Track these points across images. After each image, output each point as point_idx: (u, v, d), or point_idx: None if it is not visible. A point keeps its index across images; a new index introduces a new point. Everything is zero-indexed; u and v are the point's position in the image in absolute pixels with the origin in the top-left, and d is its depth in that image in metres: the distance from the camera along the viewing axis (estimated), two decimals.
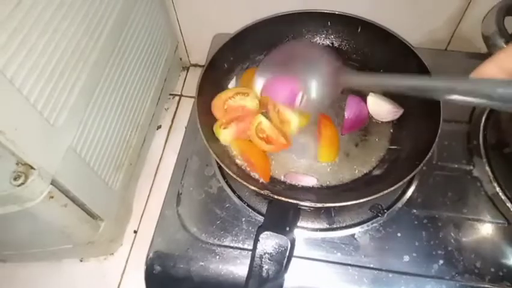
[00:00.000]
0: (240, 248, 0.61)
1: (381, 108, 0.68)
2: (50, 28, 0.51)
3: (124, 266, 0.79)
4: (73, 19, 0.56)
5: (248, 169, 0.65)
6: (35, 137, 0.51)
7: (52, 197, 0.55)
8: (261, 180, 0.63)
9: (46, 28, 0.51)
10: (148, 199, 0.86)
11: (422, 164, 0.56)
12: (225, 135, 0.64)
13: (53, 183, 0.55)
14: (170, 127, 0.95)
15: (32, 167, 0.51)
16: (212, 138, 0.65)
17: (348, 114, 0.67)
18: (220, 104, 0.67)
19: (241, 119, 0.65)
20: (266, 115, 0.65)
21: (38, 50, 0.50)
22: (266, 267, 0.50)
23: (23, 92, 0.47)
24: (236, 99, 0.67)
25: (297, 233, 0.61)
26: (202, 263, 0.60)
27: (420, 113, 0.64)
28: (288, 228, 0.53)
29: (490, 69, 0.36)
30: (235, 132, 0.65)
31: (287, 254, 0.50)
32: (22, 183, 0.50)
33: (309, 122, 0.66)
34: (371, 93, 0.68)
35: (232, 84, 0.74)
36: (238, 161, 0.65)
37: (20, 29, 0.46)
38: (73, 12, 0.56)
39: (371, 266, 0.59)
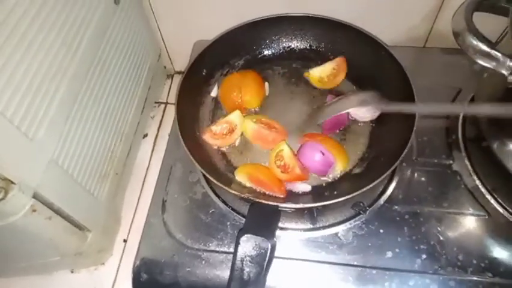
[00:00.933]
0: (226, 252, 0.62)
1: (360, 109, 0.68)
2: (24, 41, 0.52)
3: (115, 276, 0.79)
4: (49, 31, 0.56)
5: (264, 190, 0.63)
6: (14, 151, 0.51)
7: (35, 211, 0.55)
8: (245, 183, 0.63)
9: (21, 42, 0.51)
10: (136, 208, 0.86)
11: (399, 159, 0.57)
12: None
13: (36, 196, 0.55)
14: (157, 135, 0.96)
15: (12, 182, 0.51)
16: (194, 144, 0.65)
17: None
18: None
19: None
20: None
21: (13, 64, 0.50)
22: (247, 269, 0.50)
23: None
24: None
25: (281, 234, 0.62)
26: (189, 269, 0.61)
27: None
28: (268, 231, 0.53)
29: None
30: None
31: (267, 256, 0.51)
32: (2, 198, 0.50)
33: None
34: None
35: (214, 92, 0.75)
36: (218, 166, 0.66)
37: None
38: (49, 24, 0.56)
39: (355, 263, 0.59)
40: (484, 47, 0.54)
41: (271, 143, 0.66)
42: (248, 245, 0.51)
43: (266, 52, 0.79)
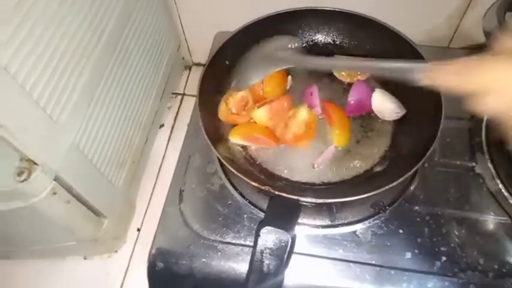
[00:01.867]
0: (242, 245, 0.61)
1: (384, 106, 0.68)
2: (53, 24, 0.51)
3: (127, 264, 0.80)
4: (76, 15, 0.56)
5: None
6: (38, 132, 0.51)
7: (55, 193, 0.55)
8: (262, 176, 0.63)
9: (49, 23, 0.51)
10: (151, 197, 0.86)
11: (422, 161, 0.56)
12: (260, 114, 0.67)
13: (56, 179, 0.55)
14: (173, 126, 0.95)
15: (35, 163, 0.51)
16: (214, 135, 0.65)
17: (350, 98, 0.68)
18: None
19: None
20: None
21: (41, 46, 0.50)
22: (267, 262, 0.50)
23: (26, 87, 0.47)
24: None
25: (299, 229, 0.61)
26: (204, 260, 0.60)
27: (422, 109, 0.64)
28: (289, 224, 0.53)
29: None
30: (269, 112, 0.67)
31: (288, 249, 0.50)
32: (25, 179, 0.50)
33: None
34: (377, 89, 0.68)
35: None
36: (238, 158, 0.65)
37: (24, 24, 0.46)
38: (76, 8, 0.56)
39: (373, 262, 0.59)
40: None
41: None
42: (268, 237, 0.50)
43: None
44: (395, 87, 0.69)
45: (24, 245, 0.74)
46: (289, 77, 0.74)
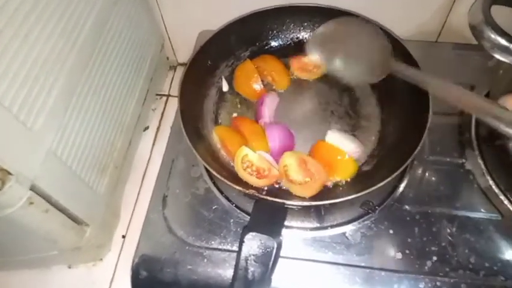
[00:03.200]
0: (229, 250, 0.59)
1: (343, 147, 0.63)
2: (23, 29, 0.50)
3: (113, 272, 0.77)
4: (47, 21, 0.54)
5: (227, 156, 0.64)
6: (11, 141, 0.49)
7: (32, 203, 0.53)
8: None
9: (20, 29, 0.49)
10: (136, 202, 0.84)
11: (411, 158, 0.55)
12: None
13: (33, 188, 0.53)
14: (158, 128, 0.93)
15: (9, 173, 0.49)
16: (197, 138, 0.63)
17: (273, 145, 0.63)
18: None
19: None
20: (250, 147, 0.61)
21: (11, 53, 0.48)
22: (252, 269, 0.48)
23: None
24: None
25: (286, 232, 0.60)
26: (190, 267, 0.59)
27: (410, 105, 0.64)
28: (274, 229, 0.51)
29: None
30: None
31: (273, 255, 0.49)
32: None
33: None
34: (329, 132, 0.64)
35: (225, 86, 0.72)
36: (223, 160, 0.64)
37: None
38: (47, 14, 0.54)
39: (363, 264, 0.57)
40: (503, 41, 0.52)
41: None
42: (253, 244, 0.49)
43: (273, 43, 0.77)
44: (381, 83, 0.68)
45: (5, 255, 0.71)
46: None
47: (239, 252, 0.49)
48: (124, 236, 0.80)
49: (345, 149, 0.61)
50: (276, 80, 0.71)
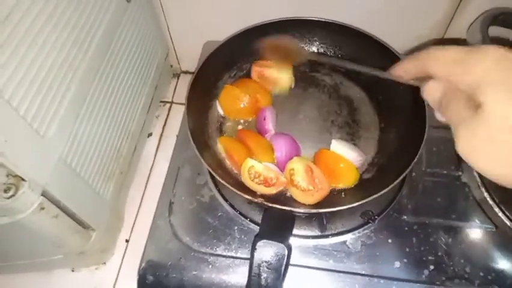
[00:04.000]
0: (233, 257, 0.61)
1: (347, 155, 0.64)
2: (38, 41, 0.51)
3: (116, 276, 0.79)
4: (61, 31, 0.56)
5: (233, 167, 0.65)
6: (25, 148, 0.50)
7: (43, 208, 0.54)
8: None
9: (35, 41, 0.50)
10: (139, 208, 0.85)
11: (409, 168, 0.56)
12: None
13: (44, 194, 0.54)
14: (161, 135, 0.95)
15: (22, 179, 0.51)
16: (204, 147, 0.65)
17: (279, 155, 0.64)
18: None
19: None
20: (256, 159, 0.62)
21: (27, 63, 0.49)
22: (265, 275, 0.50)
23: (12, 104, 0.46)
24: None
25: (290, 241, 0.61)
26: (195, 272, 0.60)
27: (407, 115, 0.66)
28: (284, 235, 0.53)
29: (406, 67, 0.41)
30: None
31: (285, 261, 0.51)
32: (13, 195, 0.49)
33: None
34: (333, 141, 0.65)
35: (220, 109, 0.73)
36: (229, 169, 0.66)
37: (9, 42, 0.46)
38: (62, 24, 0.56)
39: (363, 272, 0.59)
40: None
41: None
42: (265, 251, 0.51)
43: None
44: (382, 96, 0.70)
45: (10, 259, 0.72)
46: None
47: (251, 259, 0.51)
48: (127, 240, 0.81)
49: (349, 157, 0.63)
50: (259, 100, 0.71)
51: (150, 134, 0.94)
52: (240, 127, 0.71)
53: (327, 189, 0.60)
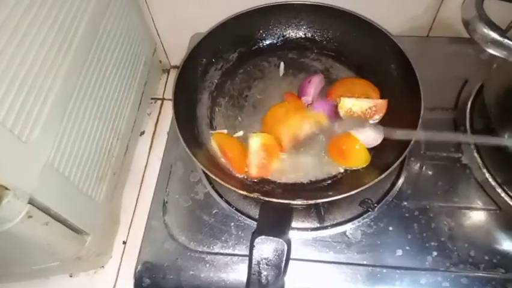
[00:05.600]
0: (231, 254, 0.60)
1: (365, 136, 0.63)
2: (15, 39, 0.49)
3: (115, 279, 0.77)
4: (40, 27, 0.53)
5: (227, 164, 0.64)
6: (7, 156, 0.48)
7: (31, 217, 0.53)
8: (248, 182, 0.61)
9: (11, 39, 0.48)
10: (135, 208, 0.83)
11: (406, 152, 0.55)
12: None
13: (31, 202, 0.53)
14: (154, 132, 0.93)
15: (6, 188, 0.49)
16: (195, 143, 0.63)
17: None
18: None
19: None
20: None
21: (4, 64, 0.47)
22: (265, 273, 0.49)
23: None
24: None
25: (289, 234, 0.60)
26: (193, 272, 0.59)
27: (401, 99, 0.64)
28: (282, 230, 0.51)
29: None
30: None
31: (285, 257, 0.49)
32: None
33: None
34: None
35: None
36: (223, 165, 0.64)
37: None
38: (40, 19, 0.53)
39: (364, 262, 0.58)
40: (496, 36, 0.52)
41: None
42: (263, 247, 0.49)
43: (261, 43, 0.77)
44: (373, 78, 0.68)
45: (5, 268, 0.71)
46: (282, 64, 0.74)
47: (250, 257, 0.49)
48: (124, 242, 0.80)
49: (368, 137, 0.62)
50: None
51: (142, 133, 0.93)
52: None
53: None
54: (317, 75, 0.69)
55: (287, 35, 0.76)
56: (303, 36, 0.76)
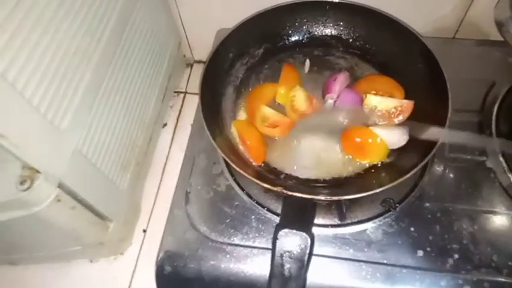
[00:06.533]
0: (251, 247, 0.60)
1: (391, 136, 0.62)
2: (50, 29, 0.50)
3: (134, 265, 0.79)
4: (73, 19, 0.55)
5: (244, 152, 0.65)
6: (40, 140, 0.50)
7: (59, 200, 0.54)
8: (271, 176, 0.62)
9: (47, 29, 0.50)
10: (156, 197, 0.85)
11: (432, 153, 0.54)
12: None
13: (60, 186, 0.54)
14: (176, 125, 0.94)
15: (37, 171, 0.50)
16: (218, 135, 0.64)
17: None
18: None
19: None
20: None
21: (39, 52, 0.48)
22: (288, 265, 0.49)
23: (25, 95, 0.46)
24: None
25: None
26: (213, 262, 0.60)
27: (427, 98, 0.63)
28: (306, 224, 0.52)
29: None
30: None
31: (308, 251, 0.49)
32: (28, 188, 0.49)
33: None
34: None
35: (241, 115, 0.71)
36: (245, 158, 0.64)
37: (20, 30, 0.45)
38: (74, 11, 0.55)
39: (384, 261, 0.58)
40: None
41: None
42: (286, 241, 0.49)
43: (286, 40, 0.77)
44: (399, 77, 0.68)
45: (30, 251, 0.73)
46: (307, 61, 0.73)
47: (273, 249, 0.50)
48: (144, 230, 0.81)
49: (394, 136, 0.62)
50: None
51: (165, 124, 0.94)
52: None
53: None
54: (343, 73, 0.68)
55: (313, 32, 0.76)
56: (329, 33, 0.76)
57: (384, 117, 0.64)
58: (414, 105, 0.64)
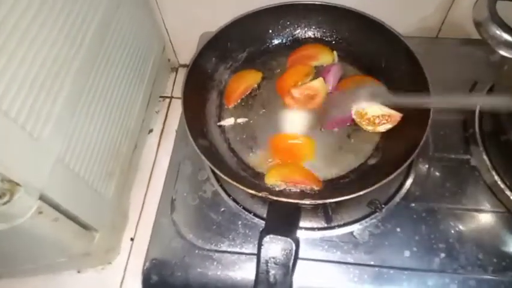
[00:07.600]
0: (238, 253, 0.60)
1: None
2: (27, 38, 0.49)
3: (122, 275, 0.78)
4: (51, 27, 0.54)
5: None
6: (19, 152, 0.49)
7: (41, 213, 0.53)
8: (257, 181, 0.62)
9: (23, 38, 0.49)
10: (143, 205, 0.84)
11: (415, 153, 0.54)
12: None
13: (42, 198, 0.53)
14: (162, 130, 0.93)
15: (17, 184, 0.49)
16: (203, 141, 0.63)
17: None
18: None
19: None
20: None
21: (16, 62, 0.48)
22: (273, 272, 0.49)
23: (2, 107, 0.45)
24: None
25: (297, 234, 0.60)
26: (200, 270, 0.59)
27: None
28: (290, 229, 0.52)
29: None
30: None
31: (293, 256, 0.49)
32: (8, 201, 0.48)
33: None
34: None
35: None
36: (230, 164, 0.64)
37: None
38: (52, 19, 0.54)
39: (372, 263, 0.58)
40: (509, 37, 0.52)
41: None
42: (272, 246, 0.49)
43: (269, 43, 0.76)
44: (383, 79, 0.68)
45: (15, 264, 0.72)
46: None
47: (258, 256, 0.49)
48: (132, 239, 0.81)
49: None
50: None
51: (151, 131, 0.93)
52: (239, 120, 0.69)
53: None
54: (336, 64, 0.69)
55: (296, 35, 0.76)
56: (312, 36, 0.76)
57: (369, 122, 0.64)
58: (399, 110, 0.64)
